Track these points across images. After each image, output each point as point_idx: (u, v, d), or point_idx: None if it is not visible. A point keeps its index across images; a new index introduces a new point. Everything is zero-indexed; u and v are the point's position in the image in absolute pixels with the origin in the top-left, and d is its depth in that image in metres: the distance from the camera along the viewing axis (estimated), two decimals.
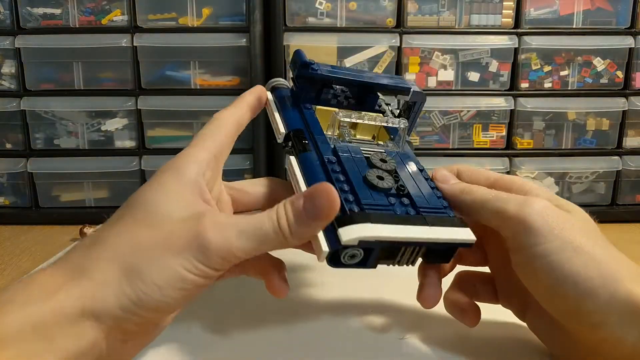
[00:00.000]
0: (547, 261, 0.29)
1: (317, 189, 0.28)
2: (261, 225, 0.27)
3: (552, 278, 0.29)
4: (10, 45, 0.69)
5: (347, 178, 0.32)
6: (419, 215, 0.32)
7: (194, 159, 0.32)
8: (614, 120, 0.72)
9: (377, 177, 0.33)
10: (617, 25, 0.70)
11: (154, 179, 0.31)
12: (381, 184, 0.32)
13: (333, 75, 0.38)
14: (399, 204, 0.32)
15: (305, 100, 0.39)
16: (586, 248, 0.28)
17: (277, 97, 0.39)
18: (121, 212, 0.29)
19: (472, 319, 0.35)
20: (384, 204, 0.31)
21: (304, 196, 0.28)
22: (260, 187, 0.38)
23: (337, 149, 0.35)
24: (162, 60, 0.70)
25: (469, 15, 0.69)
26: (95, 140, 0.72)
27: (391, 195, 0.33)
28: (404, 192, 0.33)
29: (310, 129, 0.36)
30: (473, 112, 0.71)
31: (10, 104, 0.70)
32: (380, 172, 0.34)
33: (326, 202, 0.27)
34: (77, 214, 0.72)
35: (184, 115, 0.71)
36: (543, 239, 0.29)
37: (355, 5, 0.68)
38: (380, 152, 0.36)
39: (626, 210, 0.74)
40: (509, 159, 0.72)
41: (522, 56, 0.70)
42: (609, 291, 0.27)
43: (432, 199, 0.34)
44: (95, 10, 0.69)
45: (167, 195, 0.29)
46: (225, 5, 0.69)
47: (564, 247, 0.28)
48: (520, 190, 0.34)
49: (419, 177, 0.35)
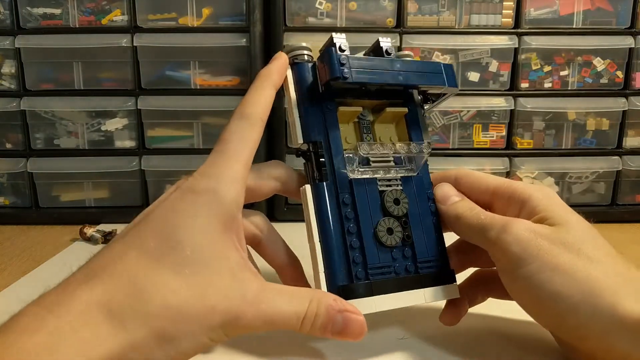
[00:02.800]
0: (528, 283, 0.30)
1: (353, 318, 0.30)
2: (289, 322, 0.29)
3: (534, 297, 0.30)
4: (10, 45, 0.69)
5: (359, 230, 0.33)
6: (416, 273, 0.35)
7: (233, 177, 0.29)
8: (614, 120, 0.72)
9: (387, 230, 0.34)
10: (617, 25, 0.70)
11: (190, 202, 0.28)
12: (389, 242, 0.34)
13: (366, 82, 0.34)
14: (401, 259, 0.35)
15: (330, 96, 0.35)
16: (565, 267, 0.29)
17: (299, 79, 0.35)
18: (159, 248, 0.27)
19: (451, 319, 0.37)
20: (387, 264, 0.34)
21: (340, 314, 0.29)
22: (271, 183, 0.36)
23: (354, 183, 0.34)
24: (162, 60, 0.70)
25: (469, 15, 0.69)
26: (95, 140, 0.72)
27: (396, 247, 0.34)
28: (409, 242, 0.35)
29: (330, 142, 0.34)
30: (473, 112, 0.71)
31: (10, 104, 0.70)
32: (392, 221, 0.35)
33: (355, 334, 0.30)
34: (77, 214, 0.72)
35: (184, 115, 0.71)
36: (522, 262, 0.30)
37: (355, 6, 0.68)
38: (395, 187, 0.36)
39: (626, 210, 0.74)
40: (509, 159, 0.72)
41: (522, 56, 0.70)
42: (590, 306, 0.28)
43: (433, 251, 0.36)
44: (95, 10, 0.69)
45: (209, 238, 0.28)
46: (225, 5, 0.69)
47: (542, 268, 0.30)
48: (520, 197, 0.34)
49: (428, 216, 0.36)
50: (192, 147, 0.71)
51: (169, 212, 0.28)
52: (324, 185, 0.34)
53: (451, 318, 0.36)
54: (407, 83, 0.36)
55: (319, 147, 0.34)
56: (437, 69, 0.37)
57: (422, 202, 0.36)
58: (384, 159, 0.36)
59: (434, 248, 0.36)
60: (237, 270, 0.28)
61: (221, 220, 0.28)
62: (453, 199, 0.36)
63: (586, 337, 0.29)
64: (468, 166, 0.70)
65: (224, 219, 0.28)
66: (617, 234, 0.66)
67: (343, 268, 0.32)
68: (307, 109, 0.35)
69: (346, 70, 0.33)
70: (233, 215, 0.29)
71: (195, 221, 0.28)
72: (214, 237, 0.28)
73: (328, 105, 0.35)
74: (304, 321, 0.29)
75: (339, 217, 0.33)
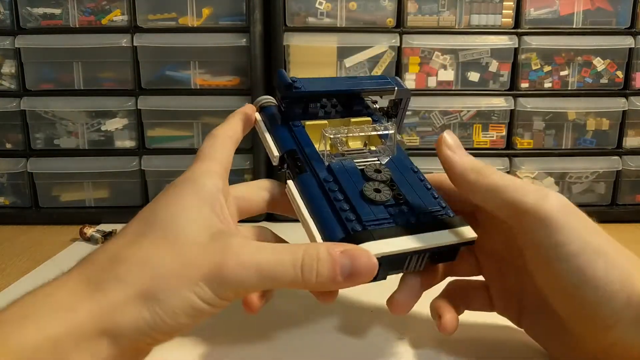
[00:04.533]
0: (567, 264, 0.27)
1: (359, 252, 0.28)
2: (283, 270, 0.27)
3: (571, 281, 0.27)
4: (10, 45, 0.69)
5: (345, 196, 0.33)
6: (420, 222, 0.32)
7: (209, 171, 0.32)
8: (614, 120, 0.72)
9: (374, 190, 0.33)
10: (617, 25, 0.70)
11: (171, 193, 0.30)
12: (379, 197, 0.33)
13: (318, 90, 0.38)
14: (398, 214, 0.33)
15: (294, 117, 0.39)
16: (605, 249, 0.27)
17: (267, 116, 0.39)
18: (139, 229, 0.29)
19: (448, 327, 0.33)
20: (385, 217, 0.32)
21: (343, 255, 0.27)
22: (260, 192, 0.38)
23: (332, 166, 0.35)
24: (162, 60, 0.70)
25: (469, 15, 0.69)
26: (95, 140, 0.72)
27: (390, 206, 0.33)
28: (402, 201, 0.34)
29: (303, 147, 0.36)
30: (473, 112, 0.71)
31: (10, 104, 0.70)
32: (377, 184, 0.34)
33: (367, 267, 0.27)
34: (77, 214, 0.72)
35: (184, 115, 0.71)
36: (565, 239, 0.27)
37: (355, 5, 0.68)
38: (374, 162, 0.36)
39: (626, 210, 0.74)
40: (509, 159, 0.72)
41: (522, 56, 0.70)
42: (626, 294, 0.26)
43: (430, 201, 0.34)
44: (95, 10, 0.69)
45: (187, 212, 0.29)
46: (225, 5, 0.69)
47: (585, 249, 0.27)
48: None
49: (415, 180, 0.36)
50: (192, 147, 0.71)
51: (151, 204, 0.30)
52: (305, 175, 0.35)
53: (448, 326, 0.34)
54: (357, 88, 0.40)
55: (295, 154, 0.36)
56: (384, 78, 0.41)
57: (407, 172, 0.36)
58: (358, 152, 0.37)
59: (430, 199, 0.34)
60: (217, 234, 0.28)
61: (201, 199, 0.30)
62: (463, 150, 0.32)
63: (612, 327, 0.27)
64: None
65: (202, 198, 0.30)
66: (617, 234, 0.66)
67: (338, 227, 0.31)
68: (277, 128, 0.38)
69: (298, 83, 0.37)
70: (212, 195, 0.30)
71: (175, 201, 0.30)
72: (193, 210, 0.29)
73: (295, 124, 0.38)
74: (303, 269, 0.27)
75: (323, 191, 0.33)
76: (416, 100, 0.70)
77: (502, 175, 0.30)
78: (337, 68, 0.69)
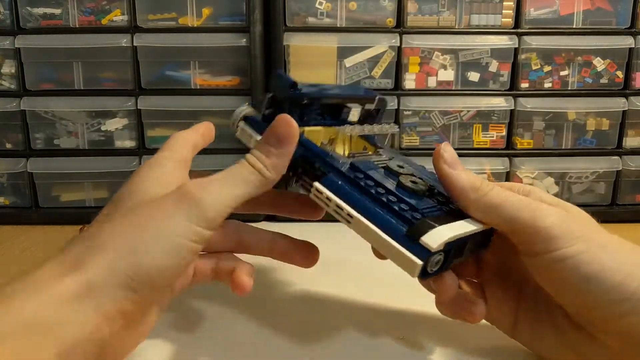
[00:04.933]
0: (570, 262, 0.28)
1: (275, 120, 0.32)
2: (239, 172, 0.31)
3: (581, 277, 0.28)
4: (10, 45, 0.69)
5: (387, 189, 0.32)
6: (457, 209, 0.33)
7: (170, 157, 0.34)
8: (614, 120, 0.72)
9: (410, 181, 0.33)
10: (617, 25, 0.70)
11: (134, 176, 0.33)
12: (418, 188, 0.33)
13: (321, 94, 0.38)
14: (439, 202, 0.33)
15: None
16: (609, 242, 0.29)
17: (256, 124, 0.37)
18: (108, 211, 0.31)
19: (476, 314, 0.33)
20: (432, 205, 0.32)
21: (266, 134, 0.32)
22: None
23: (355, 164, 0.34)
24: (162, 60, 0.70)
25: (469, 15, 0.69)
26: (95, 140, 0.72)
27: (428, 196, 0.33)
28: (435, 190, 0.34)
29: (314, 150, 0.35)
30: (473, 112, 0.71)
31: (10, 104, 0.70)
32: (407, 176, 0.34)
33: (285, 128, 0.32)
34: (77, 214, 0.72)
35: (184, 115, 0.71)
36: (564, 243, 0.28)
37: (355, 6, 0.68)
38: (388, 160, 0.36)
39: (626, 210, 0.74)
40: (509, 159, 0.72)
41: (522, 56, 0.70)
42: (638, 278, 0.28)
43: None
44: (95, 10, 0.69)
45: (149, 183, 0.31)
46: (225, 5, 0.69)
47: (589, 245, 0.29)
48: (521, 191, 0.34)
49: (430, 174, 0.36)
50: None
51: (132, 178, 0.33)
52: (330, 177, 0.33)
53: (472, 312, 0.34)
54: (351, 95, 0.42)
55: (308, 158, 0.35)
56: (366, 89, 0.45)
57: (418, 167, 0.37)
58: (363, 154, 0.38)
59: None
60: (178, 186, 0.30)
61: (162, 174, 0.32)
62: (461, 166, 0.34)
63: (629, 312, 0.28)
64: (468, 166, 0.69)
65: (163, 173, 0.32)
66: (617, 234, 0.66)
67: (396, 219, 0.31)
68: None
69: (299, 85, 0.36)
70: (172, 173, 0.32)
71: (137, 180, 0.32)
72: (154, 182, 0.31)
73: None
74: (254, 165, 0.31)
75: (361, 188, 0.32)
76: (416, 100, 0.70)
77: (500, 191, 0.31)
78: (337, 68, 0.69)
